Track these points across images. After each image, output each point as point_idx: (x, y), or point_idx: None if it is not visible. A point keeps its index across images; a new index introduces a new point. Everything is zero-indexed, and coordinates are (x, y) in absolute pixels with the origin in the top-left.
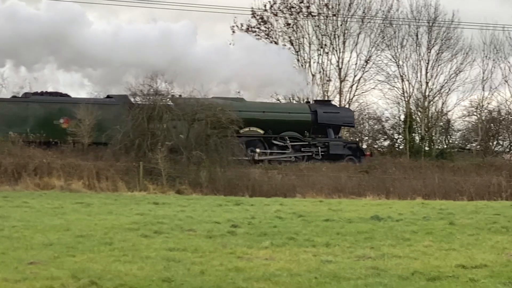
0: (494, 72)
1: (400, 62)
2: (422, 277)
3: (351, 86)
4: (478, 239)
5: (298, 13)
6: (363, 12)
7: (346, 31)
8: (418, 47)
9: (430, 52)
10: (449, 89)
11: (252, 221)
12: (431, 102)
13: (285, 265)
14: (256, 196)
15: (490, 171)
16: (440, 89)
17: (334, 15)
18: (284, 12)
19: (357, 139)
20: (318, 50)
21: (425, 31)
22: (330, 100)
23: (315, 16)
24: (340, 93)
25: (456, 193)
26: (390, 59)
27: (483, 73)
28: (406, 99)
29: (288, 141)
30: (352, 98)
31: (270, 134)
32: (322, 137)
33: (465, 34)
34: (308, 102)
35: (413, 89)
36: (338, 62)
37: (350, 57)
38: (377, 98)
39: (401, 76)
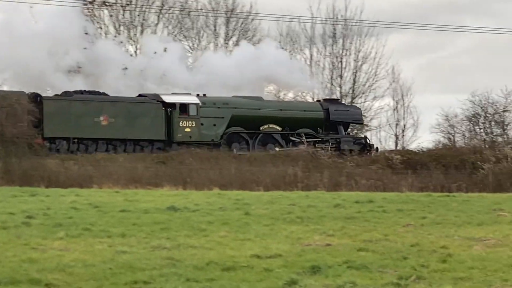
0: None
1: (198, 53)
2: (217, 267)
3: None
4: (273, 229)
5: (91, 2)
6: (161, 3)
7: (144, 22)
8: (215, 38)
9: (228, 43)
10: None
11: (47, 212)
12: None
13: (80, 256)
14: (52, 187)
15: (286, 162)
16: None
17: (127, 4)
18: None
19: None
20: (113, 40)
21: (223, 22)
22: (338, 99)
23: (110, 5)
24: None
25: (252, 184)
26: (188, 50)
27: None
28: None
29: (304, 138)
30: None
31: (287, 131)
32: (333, 133)
33: (263, 25)
34: (318, 100)
35: None
36: (135, 52)
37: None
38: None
39: None
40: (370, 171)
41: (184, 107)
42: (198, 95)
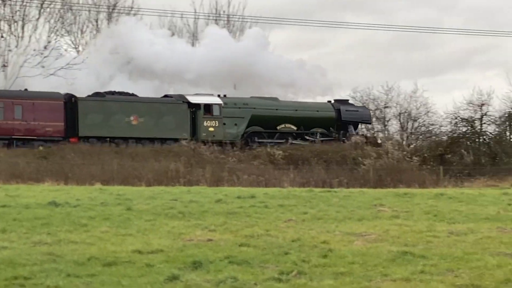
0: None
1: (80, 48)
2: (98, 263)
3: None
4: (155, 225)
5: None
6: None
7: (25, 16)
8: (98, 33)
9: None
10: None
11: None
12: None
13: None
14: None
15: (169, 157)
16: None
17: None
18: None
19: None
20: None
21: (105, 17)
22: (347, 99)
23: None
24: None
25: (134, 179)
26: (70, 45)
27: None
28: None
29: (318, 136)
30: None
31: (302, 130)
32: (344, 133)
33: (145, 20)
34: (329, 101)
35: None
36: (17, 47)
37: (29, 42)
38: None
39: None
40: (252, 166)
41: (208, 107)
42: (219, 95)
